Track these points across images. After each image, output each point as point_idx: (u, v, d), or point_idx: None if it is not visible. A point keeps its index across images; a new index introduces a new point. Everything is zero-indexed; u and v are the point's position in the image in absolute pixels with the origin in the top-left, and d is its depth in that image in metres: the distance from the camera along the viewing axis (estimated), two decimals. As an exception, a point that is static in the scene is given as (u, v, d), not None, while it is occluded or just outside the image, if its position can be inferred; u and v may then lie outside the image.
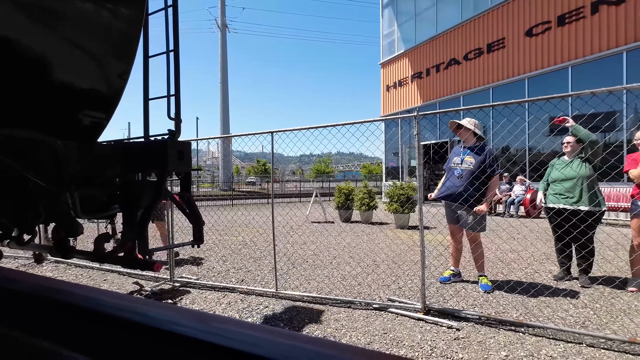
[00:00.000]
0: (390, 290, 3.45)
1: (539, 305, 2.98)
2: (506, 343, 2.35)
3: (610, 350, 2.24)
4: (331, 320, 2.78)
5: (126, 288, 3.67)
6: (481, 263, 3.50)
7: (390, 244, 5.75)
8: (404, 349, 2.34)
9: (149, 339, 0.35)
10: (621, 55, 8.45)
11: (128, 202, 1.60)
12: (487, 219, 3.55)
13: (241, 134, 4.06)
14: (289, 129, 3.63)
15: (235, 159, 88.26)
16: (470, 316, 2.73)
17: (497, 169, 3.33)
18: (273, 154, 3.79)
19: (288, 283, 3.72)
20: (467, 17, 12.22)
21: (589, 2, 8.99)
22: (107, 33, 1.60)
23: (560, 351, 2.25)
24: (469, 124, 3.44)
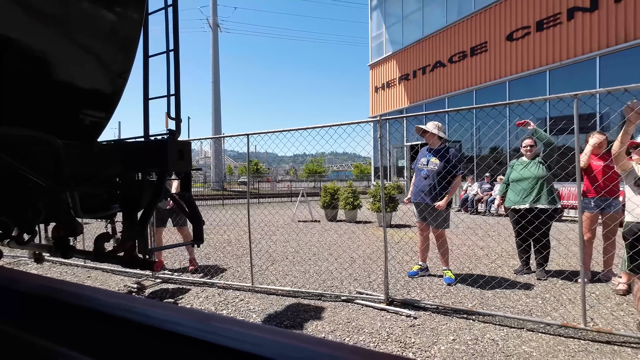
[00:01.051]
0: (360, 284, 3.66)
1: (495, 296, 3.22)
2: (456, 329, 2.58)
3: (546, 334, 2.49)
4: (300, 312, 2.99)
5: (109, 285, 3.82)
6: (446, 258, 3.73)
7: (369, 242, 5.97)
8: (363, 335, 2.55)
9: (149, 338, 0.35)
10: (594, 60, 8.81)
11: (128, 202, 1.59)
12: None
13: (218, 136, 4.25)
14: (264, 132, 3.82)
15: (228, 158, 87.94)
16: (428, 306, 2.96)
17: (459, 170, 3.56)
18: (248, 155, 3.97)
19: (265, 278, 3.91)
20: (452, 20, 12.53)
21: (565, 9, 9.34)
22: (107, 32, 1.60)
23: (503, 335, 2.48)
24: (434, 127, 3.67)
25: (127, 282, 3.85)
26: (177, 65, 1.69)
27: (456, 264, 4.38)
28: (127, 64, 1.74)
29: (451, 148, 3.71)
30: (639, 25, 8.02)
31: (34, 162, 1.41)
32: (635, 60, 8.13)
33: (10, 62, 1.33)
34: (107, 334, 0.38)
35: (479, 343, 2.38)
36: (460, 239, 5.88)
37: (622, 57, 8.36)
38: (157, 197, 1.51)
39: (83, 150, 1.58)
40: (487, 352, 2.27)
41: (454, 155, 3.61)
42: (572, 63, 9.23)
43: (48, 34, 1.39)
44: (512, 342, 2.38)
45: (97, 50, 1.61)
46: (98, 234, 1.62)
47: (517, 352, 2.25)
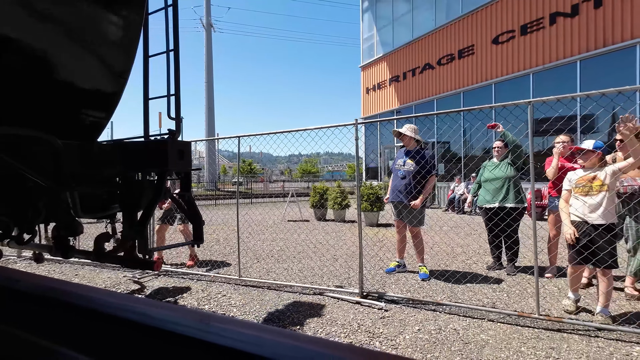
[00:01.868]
0: (340, 280, 3.83)
1: (464, 290, 3.41)
2: (422, 320, 2.76)
3: (505, 323, 2.67)
4: (279, 306, 3.14)
5: (96, 282, 3.93)
6: (421, 254, 3.91)
7: (354, 240, 6.14)
8: (336, 326, 2.71)
9: (149, 338, 0.35)
10: (575, 64, 9.08)
11: (128, 202, 1.59)
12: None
13: (209, 138, 4.38)
14: (254, 134, 3.97)
15: (223, 158, 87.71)
16: (399, 299, 3.14)
17: (433, 170, 3.74)
18: (239, 156, 4.12)
19: (249, 275, 4.06)
20: (440, 23, 12.76)
21: (548, 13, 9.61)
22: (108, 32, 1.60)
23: (465, 325, 2.66)
24: (409, 130, 3.84)
25: (118, 276, 3.97)
26: (177, 65, 1.69)
27: (434, 261, 4.57)
28: (127, 64, 1.73)
29: (426, 150, 3.89)
30: (617, 31, 8.30)
31: (34, 162, 1.40)
32: (613, 64, 8.42)
33: (11, 61, 1.33)
34: (107, 333, 0.38)
35: (442, 332, 2.55)
36: (442, 238, 6.08)
37: (601, 61, 8.64)
38: (157, 197, 1.50)
39: (83, 150, 1.57)
40: (447, 340, 2.44)
41: (429, 157, 3.80)
42: (555, 66, 9.50)
43: (48, 34, 1.38)
44: (472, 331, 2.55)
45: (97, 50, 1.60)
46: (98, 234, 1.63)
47: (475, 340, 2.43)
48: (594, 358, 2.17)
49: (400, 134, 3.89)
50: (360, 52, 16.69)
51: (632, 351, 2.23)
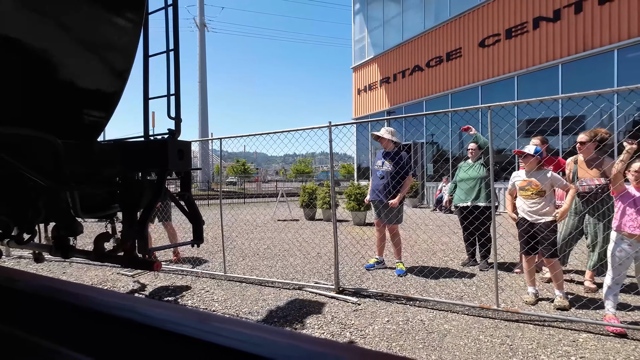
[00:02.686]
0: (321, 276, 3.98)
1: (437, 285, 3.59)
2: (392, 312, 2.93)
3: (468, 315, 2.85)
4: (259, 300, 3.29)
5: (84, 280, 4.04)
6: (399, 251, 4.09)
7: (340, 240, 6.30)
8: (311, 318, 2.86)
9: (149, 338, 0.35)
10: (557, 68, 9.35)
11: (128, 201, 1.59)
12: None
13: (196, 139, 4.50)
14: (234, 136, 4.11)
15: (217, 158, 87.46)
16: (373, 294, 3.31)
17: (409, 170, 3.92)
18: (221, 157, 4.25)
19: (233, 271, 4.20)
20: (429, 26, 12.99)
21: (531, 18, 9.87)
22: (108, 32, 1.60)
23: (431, 317, 2.84)
24: (387, 133, 4.02)
25: (106, 273, 4.08)
26: (177, 65, 1.68)
27: (414, 258, 4.75)
28: (127, 63, 1.72)
29: (403, 151, 4.07)
30: (596, 36, 8.58)
31: (34, 162, 1.39)
32: (592, 68, 8.70)
33: (11, 61, 1.33)
34: (106, 333, 0.38)
35: (409, 323, 2.73)
36: (425, 236, 6.27)
37: (582, 65, 8.92)
38: (157, 197, 1.50)
39: (83, 150, 1.57)
40: (413, 330, 2.61)
41: (406, 158, 3.97)
42: (538, 69, 9.77)
43: (48, 33, 1.38)
44: (437, 322, 2.73)
45: (98, 50, 1.60)
46: (97, 234, 1.64)
47: (439, 330, 2.61)
48: (544, 344, 2.35)
49: (379, 136, 4.06)
50: (352, 54, 16.88)
51: (579, 338, 2.42)
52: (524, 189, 3.03)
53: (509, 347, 2.34)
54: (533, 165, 3.01)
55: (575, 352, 2.25)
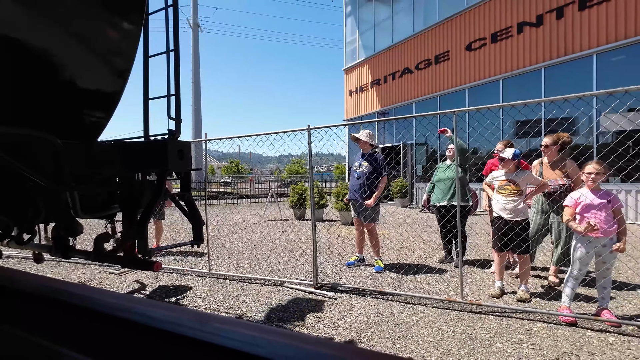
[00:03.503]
0: (302, 273, 4.13)
1: (411, 280, 3.76)
2: (365, 306, 3.09)
3: (436, 307, 3.03)
4: (241, 296, 3.43)
5: (71, 278, 4.14)
6: (377, 249, 4.26)
7: (325, 238, 6.46)
8: (288, 312, 3.01)
9: (149, 338, 0.36)
10: (540, 71, 9.63)
11: (128, 202, 1.59)
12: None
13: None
14: (220, 137, 4.25)
15: (212, 159, 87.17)
16: (349, 289, 3.47)
17: (384, 171, 4.09)
18: (206, 158, 4.39)
19: (218, 268, 4.33)
20: (419, 29, 13.23)
21: (515, 22, 10.15)
22: (108, 32, 1.60)
23: (401, 309, 3.00)
24: (364, 135, 4.18)
25: (93, 272, 4.18)
26: (177, 66, 1.69)
27: (395, 255, 4.92)
28: (127, 63, 1.73)
29: (379, 153, 4.24)
30: (576, 41, 8.86)
31: (34, 162, 1.40)
32: (573, 72, 8.98)
33: (11, 61, 1.33)
34: (106, 334, 0.38)
35: (379, 316, 2.89)
36: (409, 235, 6.45)
37: (563, 68, 9.20)
38: (157, 197, 1.50)
39: (83, 150, 1.58)
40: (382, 321, 2.78)
41: (382, 159, 4.14)
42: (522, 73, 10.04)
43: (49, 33, 1.39)
44: (406, 314, 2.90)
45: (98, 50, 1.60)
46: (97, 234, 1.64)
47: (406, 321, 2.77)
48: (501, 333, 2.53)
49: (357, 138, 4.22)
50: (344, 55, 17.07)
51: (533, 327, 2.60)
52: (502, 188, 3.20)
53: (469, 335, 2.51)
54: (512, 168, 3.19)
55: (528, 340, 2.43)
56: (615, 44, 8.15)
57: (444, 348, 2.36)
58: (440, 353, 2.30)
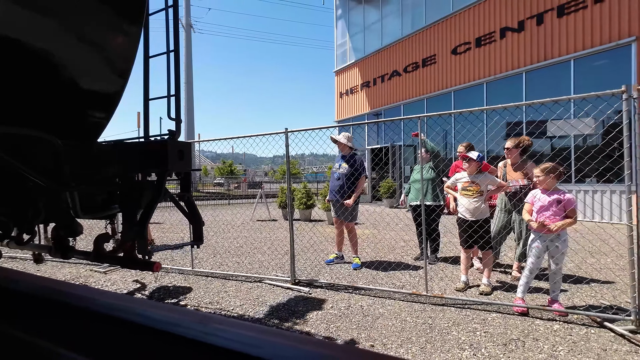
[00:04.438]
0: (282, 270, 4.30)
1: (385, 276, 3.96)
2: (337, 300, 3.27)
3: (402, 301, 3.22)
4: (221, 292, 3.59)
5: (57, 276, 4.26)
6: (355, 246, 4.45)
7: (309, 237, 6.64)
8: (264, 306, 3.18)
9: (149, 339, 0.36)
10: (521, 75, 9.93)
11: (128, 202, 1.59)
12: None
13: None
14: (208, 139, 4.40)
15: (205, 159, 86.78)
16: (325, 284, 3.65)
17: (362, 172, 4.29)
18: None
19: (202, 266, 4.48)
20: (407, 33, 13.50)
21: (498, 28, 10.45)
22: (108, 33, 1.60)
23: (370, 303, 3.19)
24: (343, 138, 4.37)
25: (79, 270, 4.30)
26: (177, 66, 1.68)
27: (374, 253, 5.12)
28: (127, 64, 1.73)
29: (357, 155, 4.43)
30: (555, 46, 9.17)
31: (34, 162, 1.39)
32: (552, 76, 9.29)
33: (11, 61, 1.33)
34: (106, 334, 0.38)
35: (349, 309, 3.07)
36: (392, 233, 6.66)
37: (543, 73, 9.51)
38: (157, 197, 1.51)
39: (83, 151, 1.58)
40: (351, 314, 2.96)
41: (360, 161, 4.34)
42: (504, 77, 10.34)
43: (49, 34, 1.38)
44: (374, 307, 3.09)
45: (98, 50, 1.60)
46: (97, 234, 1.65)
47: (374, 313, 2.96)
48: (458, 322, 2.73)
49: (336, 140, 4.41)
50: (335, 58, 17.29)
51: (488, 317, 2.81)
52: (466, 189, 3.42)
53: (429, 325, 2.71)
54: (474, 169, 3.40)
55: (482, 328, 2.63)
56: (591, 50, 8.47)
57: (405, 337, 2.55)
58: (401, 341, 2.49)
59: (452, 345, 2.41)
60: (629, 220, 2.44)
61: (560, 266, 2.86)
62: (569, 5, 8.91)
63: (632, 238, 2.43)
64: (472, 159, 3.33)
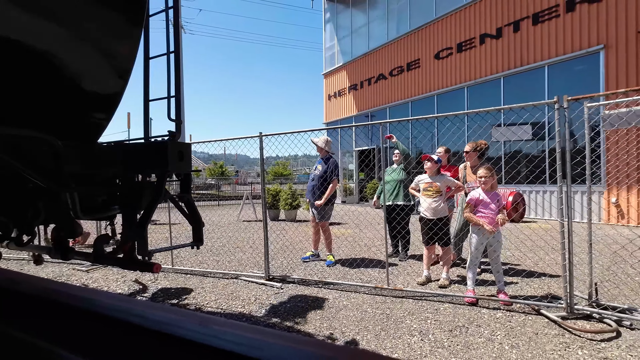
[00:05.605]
0: (259, 268, 4.51)
1: (356, 272, 4.19)
2: (307, 294, 3.49)
3: (367, 294, 3.46)
4: (198, 288, 3.78)
5: (41, 275, 4.39)
6: (329, 244, 4.67)
7: (291, 237, 6.86)
8: (238, 300, 3.39)
9: (148, 340, 0.36)
10: (499, 80, 10.31)
11: (128, 203, 1.58)
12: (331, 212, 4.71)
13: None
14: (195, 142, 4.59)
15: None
16: (297, 280, 3.87)
17: (334, 175, 4.52)
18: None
19: (182, 264, 4.65)
20: (392, 37, 13.82)
21: (478, 34, 10.82)
22: (109, 34, 1.60)
23: (337, 296, 3.42)
24: (321, 142, 4.60)
25: (62, 269, 4.44)
26: (177, 67, 1.68)
27: (349, 250, 5.35)
28: (127, 65, 1.73)
29: (331, 158, 4.67)
30: (530, 53, 9.56)
31: (34, 163, 1.39)
32: (528, 81, 9.67)
33: (12, 62, 1.33)
34: (106, 336, 0.38)
35: (316, 301, 3.30)
36: (372, 233, 6.91)
37: (520, 78, 9.89)
38: (157, 198, 1.50)
39: (83, 151, 1.58)
40: (317, 306, 3.18)
41: (332, 164, 4.57)
42: (484, 82, 10.70)
43: (50, 35, 1.39)
44: (339, 300, 3.32)
45: (99, 51, 1.60)
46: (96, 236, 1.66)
47: (338, 305, 3.19)
48: (412, 312, 2.98)
49: (316, 144, 4.64)
50: (323, 60, 17.55)
51: (441, 307, 3.07)
52: (426, 190, 3.68)
53: (386, 315, 2.95)
54: (433, 170, 3.67)
55: (433, 317, 2.88)
56: (564, 56, 8.86)
57: (362, 325, 2.78)
58: (358, 329, 2.72)
59: (404, 332, 2.65)
60: (561, 218, 2.71)
61: (499, 257, 3.12)
62: (543, 14, 9.30)
63: (564, 234, 2.70)
64: (432, 161, 3.59)
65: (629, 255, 4.10)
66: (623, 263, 4.21)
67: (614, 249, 4.56)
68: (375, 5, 14.62)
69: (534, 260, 4.49)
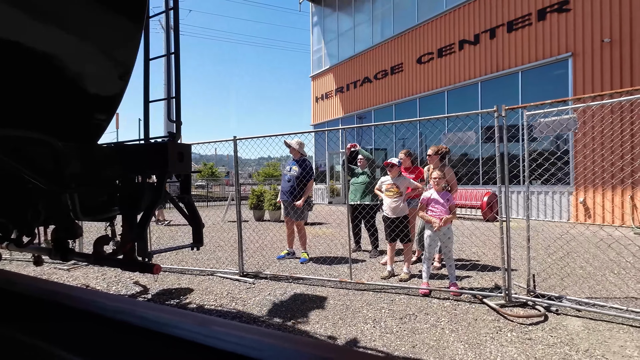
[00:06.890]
0: (236, 265, 4.72)
1: (327, 268, 4.44)
2: (276, 289, 3.73)
3: (332, 287, 3.71)
4: (175, 284, 3.98)
5: (27, 272, 4.53)
6: (303, 243, 4.91)
7: (271, 236, 7.07)
8: (212, 295, 3.60)
9: (149, 341, 0.36)
10: (477, 85, 10.71)
11: (128, 204, 1.58)
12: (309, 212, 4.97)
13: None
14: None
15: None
16: (269, 276, 4.11)
17: (311, 176, 4.77)
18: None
19: (162, 262, 4.84)
20: (377, 42, 14.16)
21: (457, 40, 11.21)
22: (110, 36, 1.61)
23: (305, 290, 3.66)
24: (295, 144, 4.84)
25: (44, 268, 4.58)
26: (177, 68, 1.69)
27: (325, 248, 5.60)
28: (127, 66, 1.73)
29: (307, 159, 4.91)
30: (506, 59, 9.98)
31: (34, 164, 1.38)
32: (503, 86, 10.09)
33: (12, 64, 1.34)
34: (106, 337, 0.39)
35: (284, 295, 3.53)
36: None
37: (495, 83, 10.31)
38: (157, 199, 1.51)
39: (83, 152, 1.58)
40: (284, 299, 3.42)
41: (309, 166, 4.82)
42: (462, 86, 11.10)
43: (50, 36, 1.39)
44: (306, 293, 3.56)
45: (99, 52, 1.61)
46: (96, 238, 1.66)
47: (303, 298, 3.43)
48: (370, 303, 3.24)
49: (289, 145, 4.88)
50: (311, 63, 17.81)
51: (396, 298, 3.34)
52: (389, 190, 3.96)
53: (346, 306, 3.20)
54: (395, 173, 3.94)
55: (388, 307, 3.14)
56: (536, 62, 9.29)
57: (323, 315, 3.03)
58: (319, 319, 2.97)
59: (359, 321, 2.90)
60: (500, 216, 3.01)
61: (450, 252, 3.41)
62: (517, 22, 9.73)
63: (502, 230, 3.00)
64: (394, 164, 3.87)
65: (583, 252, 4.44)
66: (575, 257, 4.56)
67: (572, 246, 4.92)
68: (361, 10, 14.95)
69: (495, 256, 4.80)
